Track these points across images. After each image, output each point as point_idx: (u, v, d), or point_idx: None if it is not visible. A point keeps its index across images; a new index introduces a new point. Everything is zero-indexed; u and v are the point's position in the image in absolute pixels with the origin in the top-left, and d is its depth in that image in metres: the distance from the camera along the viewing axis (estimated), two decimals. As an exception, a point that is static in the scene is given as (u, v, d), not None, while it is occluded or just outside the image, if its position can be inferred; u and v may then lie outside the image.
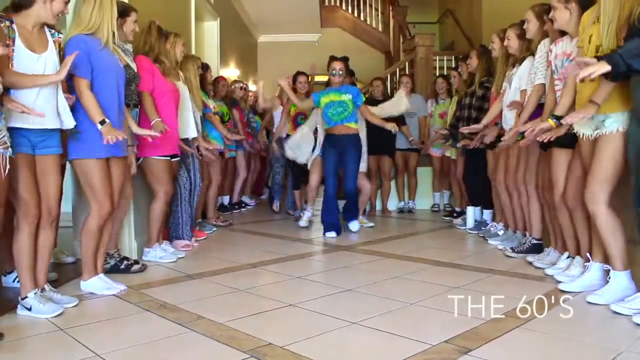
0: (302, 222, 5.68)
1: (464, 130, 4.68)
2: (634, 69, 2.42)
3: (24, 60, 2.70)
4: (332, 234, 5.14)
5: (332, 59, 5.33)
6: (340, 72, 5.24)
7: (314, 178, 5.54)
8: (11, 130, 2.62)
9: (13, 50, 2.67)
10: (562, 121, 2.96)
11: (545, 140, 3.19)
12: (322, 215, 5.30)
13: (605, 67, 2.43)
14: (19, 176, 2.68)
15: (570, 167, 3.24)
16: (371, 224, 5.76)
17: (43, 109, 2.71)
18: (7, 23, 2.66)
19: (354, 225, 5.35)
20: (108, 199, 3.14)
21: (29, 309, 2.72)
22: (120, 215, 3.67)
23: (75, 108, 3.01)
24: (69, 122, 2.89)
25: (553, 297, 2.97)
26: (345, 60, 5.34)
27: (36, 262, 2.82)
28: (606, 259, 2.96)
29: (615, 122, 2.76)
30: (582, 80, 2.58)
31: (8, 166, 2.53)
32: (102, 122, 2.97)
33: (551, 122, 3.12)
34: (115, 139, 2.97)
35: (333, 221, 5.21)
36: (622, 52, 2.43)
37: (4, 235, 3.05)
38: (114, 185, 3.23)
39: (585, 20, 2.95)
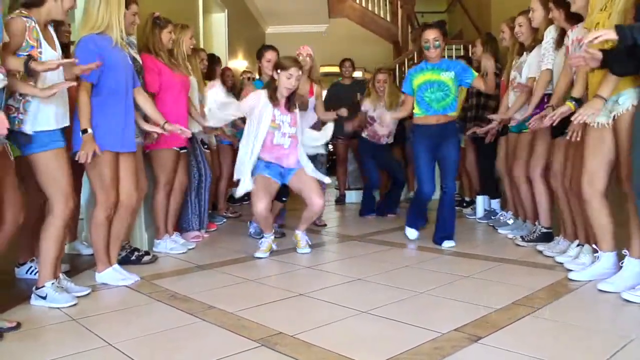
0: (259, 254, 3.91)
1: (481, 131, 4.68)
2: (638, 45, 2.39)
3: (51, 59, 2.70)
4: (412, 232, 4.34)
5: (425, 27, 4.14)
6: (437, 42, 3.98)
7: (261, 204, 3.80)
8: (45, 132, 2.69)
9: (40, 52, 2.67)
10: (572, 119, 2.92)
11: (576, 138, 3.16)
12: (409, 215, 4.42)
13: (612, 34, 2.41)
14: (62, 170, 2.76)
15: (578, 153, 3.23)
16: (307, 250, 4.03)
17: (58, 106, 2.77)
18: (32, 23, 2.66)
19: (447, 244, 4.11)
20: (114, 190, 3.16)
21: (44, 298, 2.75)
22: (136, 207, 3.70)
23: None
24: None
25: (563, 285, 2.97)
26: (440, 26, 4.09)
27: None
28: (613, 248, 2.97)
29: (629, 99, 2.74)
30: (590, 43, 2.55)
31: (11, 151, 2.57)
32: (84, 131, 2.96)
33: (570, 104, 3.09)
34: (89, 157, 2.95)
35: (418, 217, 4.39)
36: (633, 27, 2.41)
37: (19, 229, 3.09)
38: (127, 179, 3.25)
39: (593, 2, 2.93)
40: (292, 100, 3.94)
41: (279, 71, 3.85)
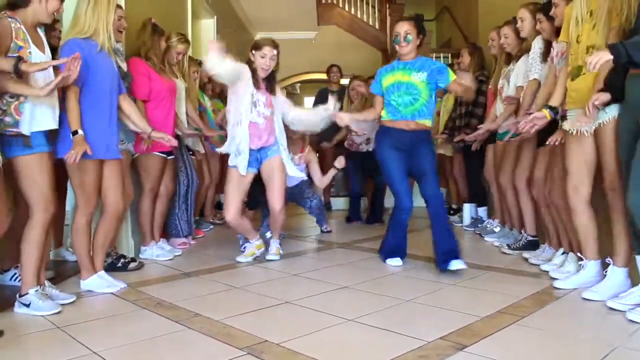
0: (241, 258, 3.99)
1: (469, 138, 4.68)
2: (634, 61, 2.43)
3: (38, 60, 2.69)
4: (397, 260, 3.76)
5: (398, 20, 3.71)
6: (408, 36, 3.53)
7: (230, 211, 3.84)
8: (36, 133, 2.69)
9: (30, 52, 2.68)
10: (575, 124, 2.91)
11: (553, 143, 3.17)
12: (387, 237, 3.89)
13: (608, 56, 2.43)
14: (45, 174, 2.74)
15: (559, 163, 3.27)
16: (274, 257, 4.00)
17: (49, 107, 2.77)
18: (18, 24, 2.66)
19: (456, 264, 3.46)
20: (95, 197, 3.14)
21: (28, 305, 2.73)
22: (122, 215, 3.67)
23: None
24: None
25: (548, 293, 2.99)
26: (416, 19, 3.63)
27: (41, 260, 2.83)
28: (599, 256, 2.99)
29: (615, 108, 2.75)
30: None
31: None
32: (75, 133, 2.94)
33: (545, 112, 3.11)
34: (78, 157, 2.89)
35: (400, 244, 3.82)
36: (626, 44, 2.44)
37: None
38: (113, 186, 3.22)
39: (567, 14, 2.96)
40: (271, 82, 3.82)
41: (253, 52, 3.75)
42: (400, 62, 3.64)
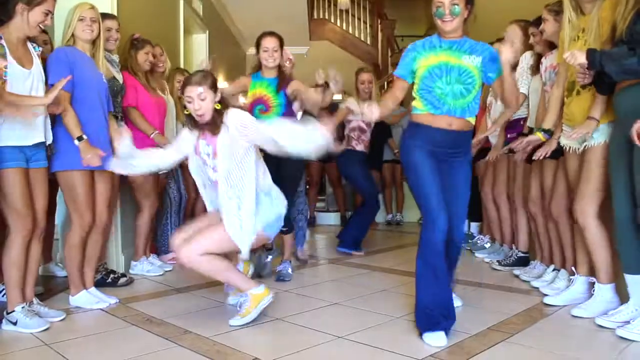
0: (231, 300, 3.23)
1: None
2: (604, 71, 2.51)
3: (17, 76, 2.69)
4: (440, 337, 2.48)
5: None
6: (455, 7, 2.58)
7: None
8: (7, 148, 2.66)
9: (6, 67, 2.66)
10: (567, 137, 2.93)
11: (540, 157, 3.20)
12: (419, 284, 2.62)
13: (582, 58, 2.51)
14: (18, 190, 2.70)
15: (555, 178, 3.29)
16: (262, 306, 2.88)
17: (34, 122, 2.74)
18: None
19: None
20: (89, 211, 3.13)
21: (15, 323, 2.70)
22: (106, 227, 3.65)
23: (59, 120, 3.01)
24: (49, 137, 2.91)
25: (538, 310, 3.00)
26: None
27: (25, 276, 2.81)
28: (591, 272, 3.00)
29: (602, 135, 2.79)
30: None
31: None
32: (80, 138, 2.96)
33: (539, 135, 3.14)
34: (97, 159, 2.94)
35: (447, 310, 2.57)
36: (602, 53, 2.51)
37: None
38: (100, 198, 3.22)
39: (561, 37, 3.01)
40: (215, 122, 2.84)
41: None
42: (442, 40, 2.70)
